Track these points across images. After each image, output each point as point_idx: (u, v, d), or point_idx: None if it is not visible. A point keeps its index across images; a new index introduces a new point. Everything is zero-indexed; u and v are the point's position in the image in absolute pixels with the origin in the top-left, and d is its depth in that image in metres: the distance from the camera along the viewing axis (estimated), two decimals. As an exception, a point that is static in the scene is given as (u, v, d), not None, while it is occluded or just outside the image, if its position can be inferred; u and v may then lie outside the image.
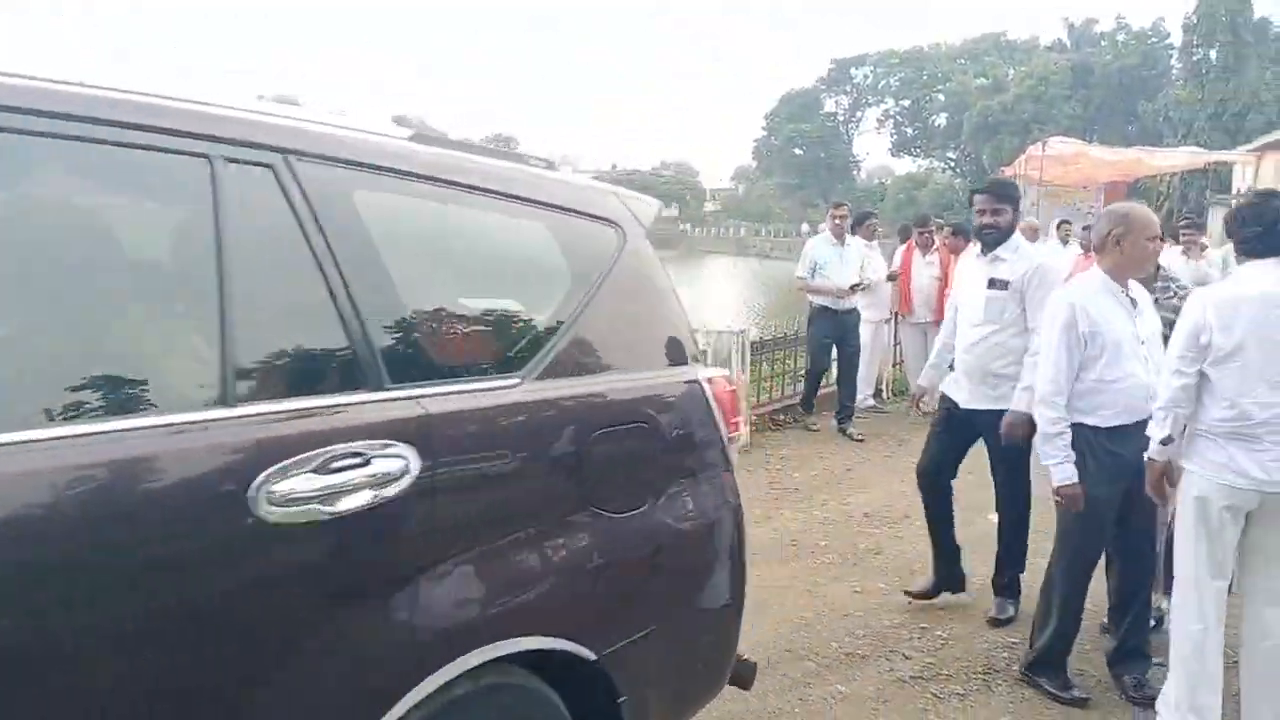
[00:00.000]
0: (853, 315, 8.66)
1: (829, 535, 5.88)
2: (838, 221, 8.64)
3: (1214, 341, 3.19)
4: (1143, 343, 3.69)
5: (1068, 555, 3.81)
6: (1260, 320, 3.15)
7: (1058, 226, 12.06)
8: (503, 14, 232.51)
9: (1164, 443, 3.36)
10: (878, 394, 10.03)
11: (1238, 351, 3.16)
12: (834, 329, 8.58)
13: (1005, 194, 4.53)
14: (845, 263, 8.50)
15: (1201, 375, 3.26)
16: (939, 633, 4.44)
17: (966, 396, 4.50)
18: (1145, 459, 3.45)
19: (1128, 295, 3.71)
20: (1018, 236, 4.53)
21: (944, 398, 4.69)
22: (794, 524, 6.06)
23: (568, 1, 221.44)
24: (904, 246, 9.91)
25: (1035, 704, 3.78)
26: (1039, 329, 4.10)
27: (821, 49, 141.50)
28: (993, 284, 4.39)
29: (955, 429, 4.61)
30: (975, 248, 5.11)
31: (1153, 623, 4.03)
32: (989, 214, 4.43)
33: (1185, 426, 3.36)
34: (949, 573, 4.76)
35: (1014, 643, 4.26)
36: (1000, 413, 4.31)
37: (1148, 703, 3.64)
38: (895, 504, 6.38)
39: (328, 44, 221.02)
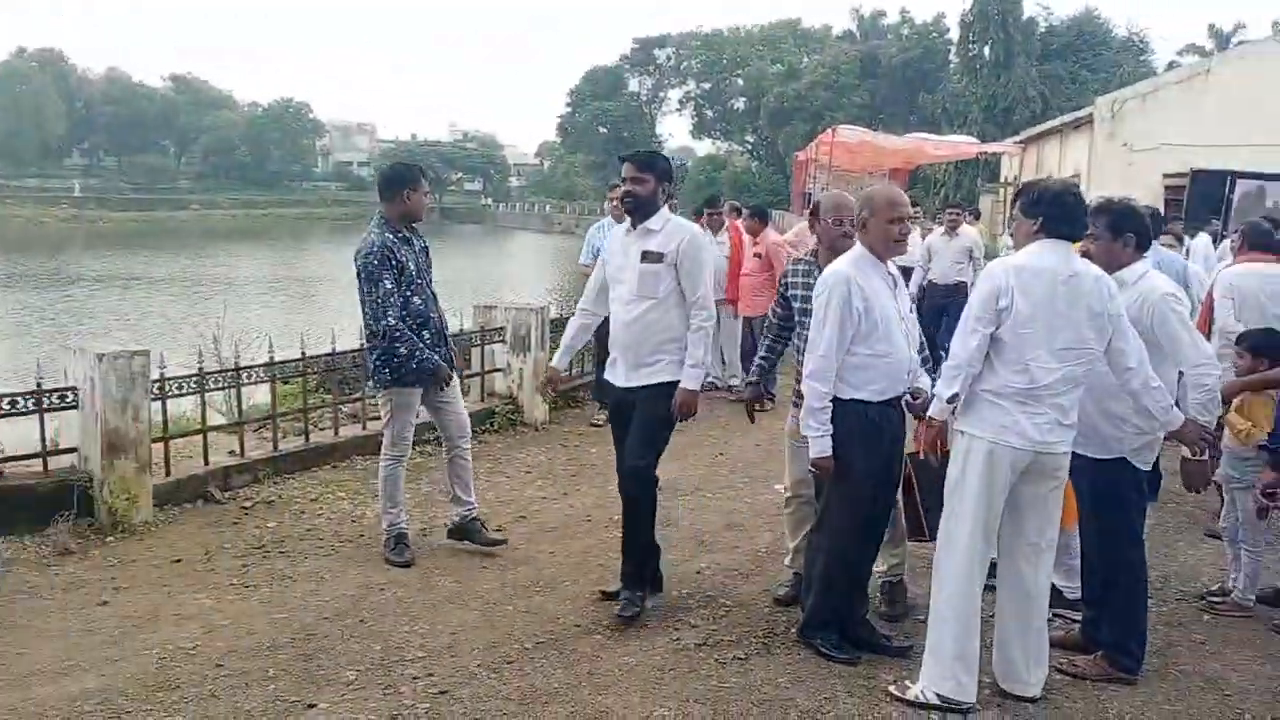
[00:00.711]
0: None
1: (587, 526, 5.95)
2: (615, 203, 7.87)
3: (1015, 305, 3.43)
4: (902, 319, 3.92)
5: (831, 524, 4.01)
6: (1050, 293, 3.45)
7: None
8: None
9: (950, 400, 3.56)
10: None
11: (1032, 318, 3.43)
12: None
13: (649, 164, 4.37)
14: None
15: (993, 339, 3.48)
16: (724, 600, 4.60)
17: (624, 377, 4.38)
18: (925, 419, 3.71)
19: (890, 273, 3.93)
20: (666, 209, 4.42)
21: (604, 387, 4.64)
22: (590, 500, 6.12)
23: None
24: (695, 228, 10.11)
25: (811, 664, 3.98)
26: (701, 302, 4.27)
27: (625, 26, 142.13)
28: (646, 257, 4.27)
29: (629, 417, 4.41)
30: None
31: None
32: (629, 182, 4.33)
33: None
34: (638, 574, 4.44)
35: (795, 607, 4.47)
36: (655, 387, 4.29)
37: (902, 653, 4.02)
38: (689, 476, 6.54)
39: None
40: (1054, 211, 3.57)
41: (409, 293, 4.91)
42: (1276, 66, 17.58)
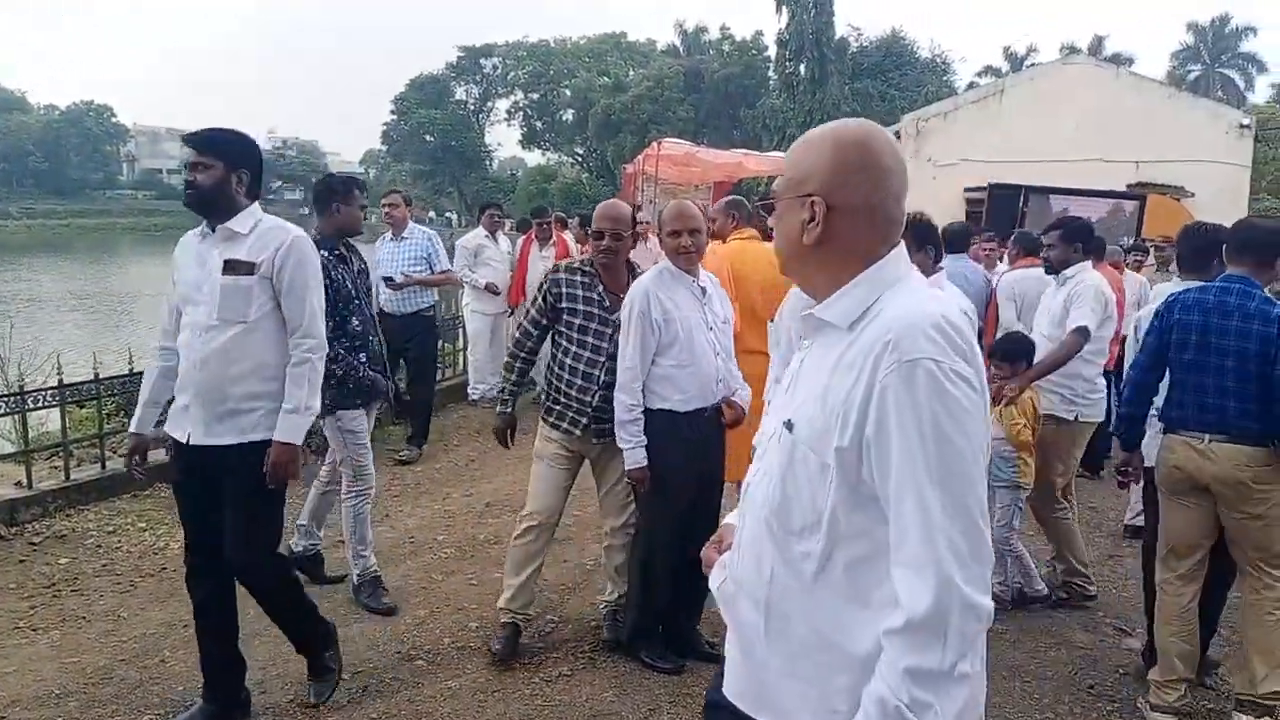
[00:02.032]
0: (419, 319, 7.58)
1: (449, 529, 5.85)
2: (386, 211, 7.71)
3: None
4: (711, 329, 3.96)
5: (649, 533, 4.04)
6: None
7: None
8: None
9: None
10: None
11: None
12: (394, 336, 6.79)
13: (212, 144, 3.34)
14: (398, 258, 7.50)
15: None
16: (550, 616, 4.56)
17: (202, 432, 3.32)
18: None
19: (698, 284, 3.97)
20: (256, 207, 3.43)
21: (170, 444, 3.48)
22: (413, 521, 5.97)
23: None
24: (523, 238, 10.05)
25: (637, 675, 3.99)
26: (307, 328, 3.37)
27: (448, 34, 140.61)
28: (230, 268, 3.28)
29: (211, 487, 3.36)
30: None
31: None
32: (189, 168, 3.34)
33: None
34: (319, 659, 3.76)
35: (621, 620, 4.47)
36: (250, 447, 3.30)
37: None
38: (516, 492, 6.46)
39: None
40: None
41: (346, 313, 4.50)
42: (1063, 86, 18.96)
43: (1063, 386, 4.95)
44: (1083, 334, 4.78)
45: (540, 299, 4.09)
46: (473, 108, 68.48)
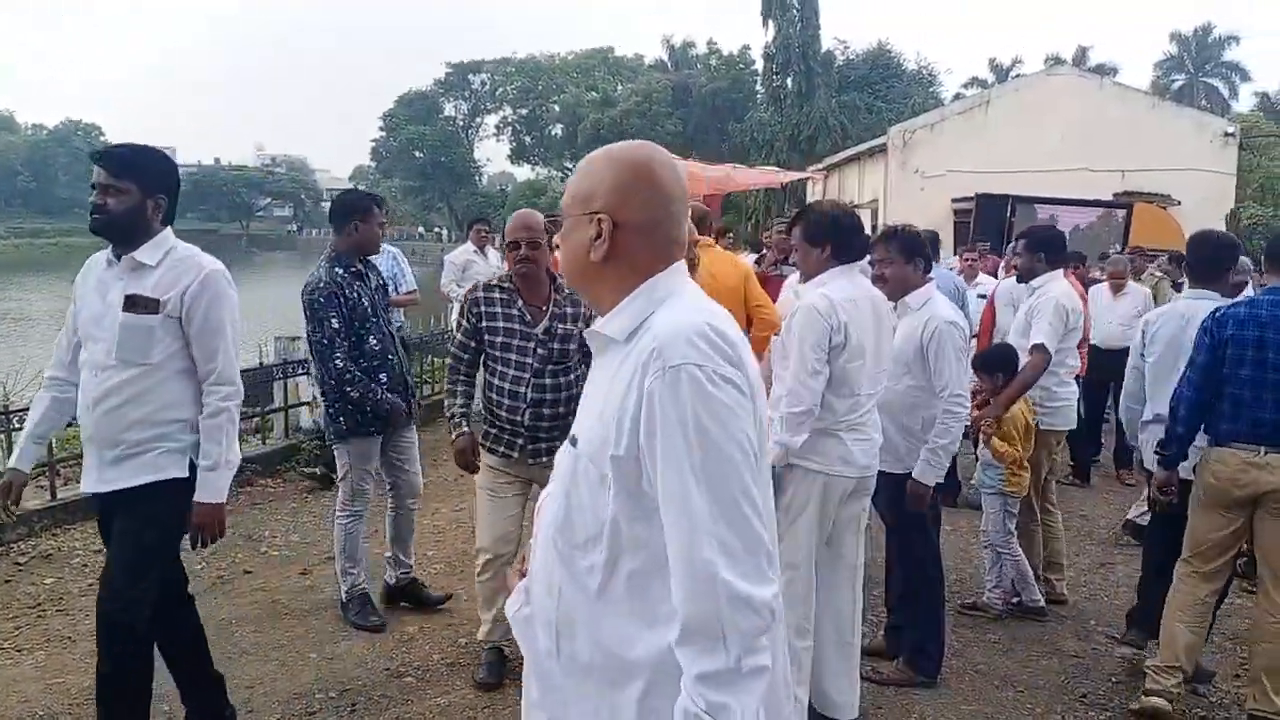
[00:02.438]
0: None
1: (438, 544, 5.84)
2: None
3: (849, 338, 3.39)
4: None
5: None
6: (870, 320, 3.50)
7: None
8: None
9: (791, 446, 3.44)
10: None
11: (861, 348, 3.44)
12: None
13: (127, 165, 3.03)
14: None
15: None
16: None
17: (96, 477, 3.09)
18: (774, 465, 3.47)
19: None
20: (169, 234, 3.11)
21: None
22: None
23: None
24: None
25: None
26: (221, 374, 3.06)
27: (436, 51, 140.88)
28: (133, 304, 2.98)
29: (107, 532, 3.21)
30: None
31: None
32: (98, 191, 3.01)
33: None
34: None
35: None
36: (144, 490, 3.03)
37: None
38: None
39: None
40: (841, 237, 3.57)
41: (363, 332, 4.44)
42: (1048, 97, 19.11)
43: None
44: (1042, 350, 4.79)
45: (464, 321, 4.00)
46: (461, 123, 68.70)
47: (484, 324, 3.90)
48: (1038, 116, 18.54)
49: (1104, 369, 7.28)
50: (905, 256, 4.06)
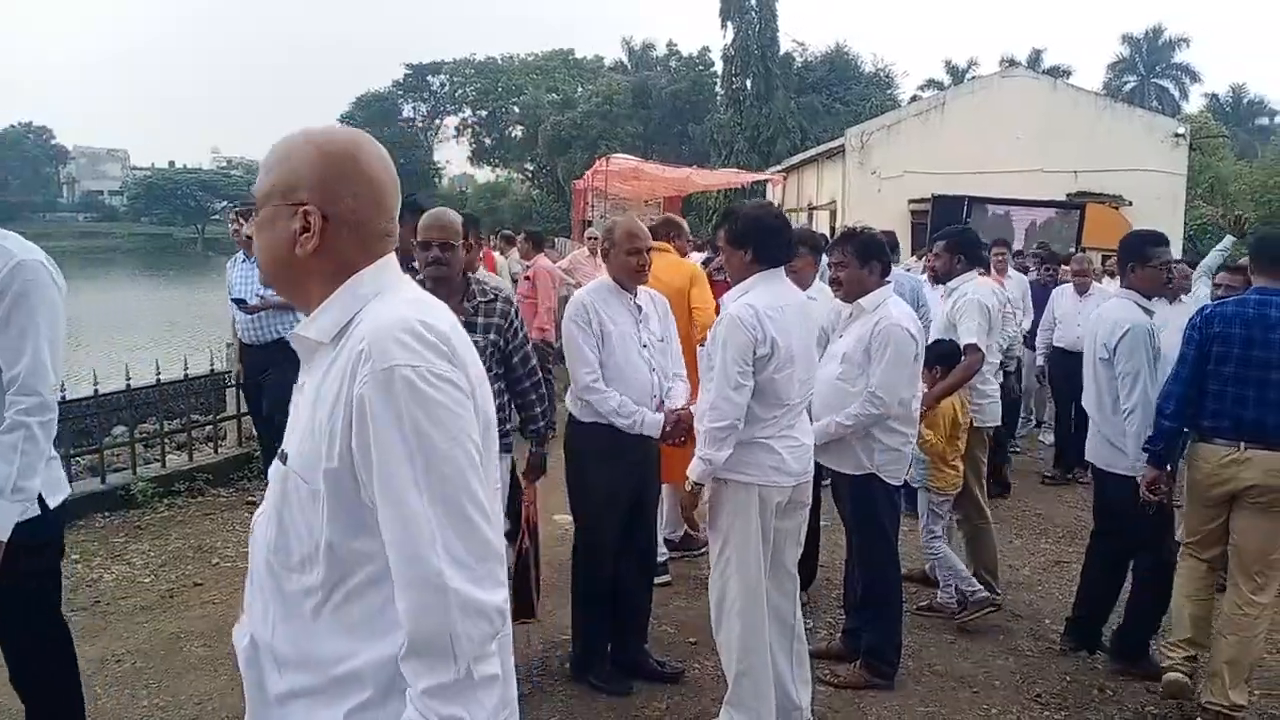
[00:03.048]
0: (280, 346, 6.19)
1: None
2: (236, 230, 6.77)
3: (775, 348, 3.32)
4: (646, 346, 3.93)
5: (585, 556, 4.01)
6: (798, 326, 3.44)
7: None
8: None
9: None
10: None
11: (790, 357, 3.38)
12: (252, 366, 6.52)
13: None
14: (252, 279, 6.32)
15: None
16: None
17: None
18: (699, 482, 3.44)
19: (635, 302, 3.93)
20: None
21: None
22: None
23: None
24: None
25: (585, 699, 3.94)
26: (25, 381, 2.61)
27: (394, 53, 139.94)
28: None
29: None
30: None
31: None
32: None
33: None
34: None
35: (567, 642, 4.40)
36: None
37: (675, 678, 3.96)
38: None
39: None
40: (765, 239, 3.47)
41: None
42: (1002, 99, 19.31)
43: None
44: (975, 350, 4.85)
45: None
46: (421, 125, 68.19)
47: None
48: (992, 118, 18.72)
49: (1075, 374, 7.37)
50: (860, 260, 4.06)
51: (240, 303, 6.39)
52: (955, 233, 5.44)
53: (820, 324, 3.70)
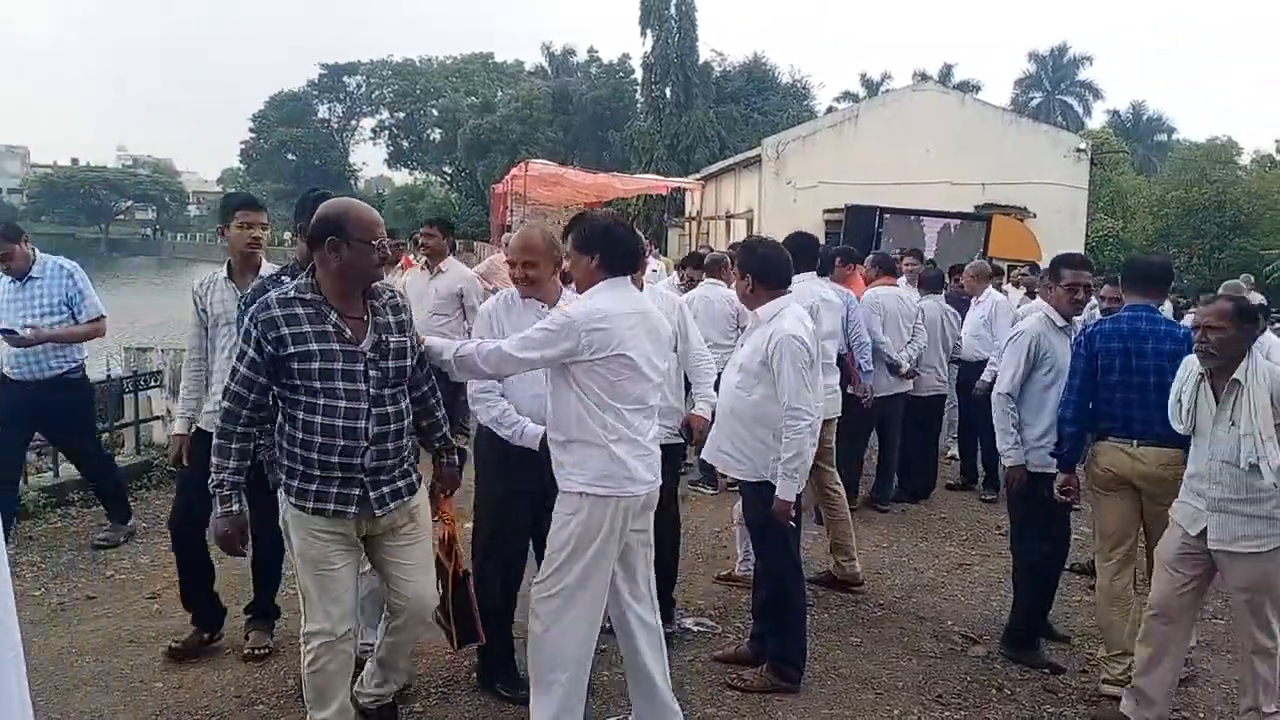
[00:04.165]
0: (61, 385, 5.72)
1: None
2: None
3: (605, 352, 3.26)
4: None
5: (490, 565, 3.94)
6: (645, 332, 3.39)
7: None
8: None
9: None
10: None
11: (636, 364, 3.32)
12: (18, 411, 5.64)
13: None
14: (22, 304, 5.58)
15: (596, 395, 3.30)
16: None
17: None
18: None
19: (547, 309, 3.72)
20: None
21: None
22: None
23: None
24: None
25: (492, 708, 3.89)
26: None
27: (308, 52, 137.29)
28: None
29: None
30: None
31: None
32: None
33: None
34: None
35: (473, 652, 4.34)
36: None
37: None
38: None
39: None
40: (610, 247, 3.43)
41: None
42: (914, 112, 19.78)
43: None
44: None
45: (251, 349, 3.03)
46: (336, 126, 67.07)
47: (289, 349, 3.01)
48: (904, 131, 19.15)
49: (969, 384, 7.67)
50: (740, 272, 4.21)
51: (6, 334, 5.42)
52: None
53: (666, 332, 3.62)
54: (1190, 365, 3.82)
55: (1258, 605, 3.64)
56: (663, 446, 4.25)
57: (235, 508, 3.08)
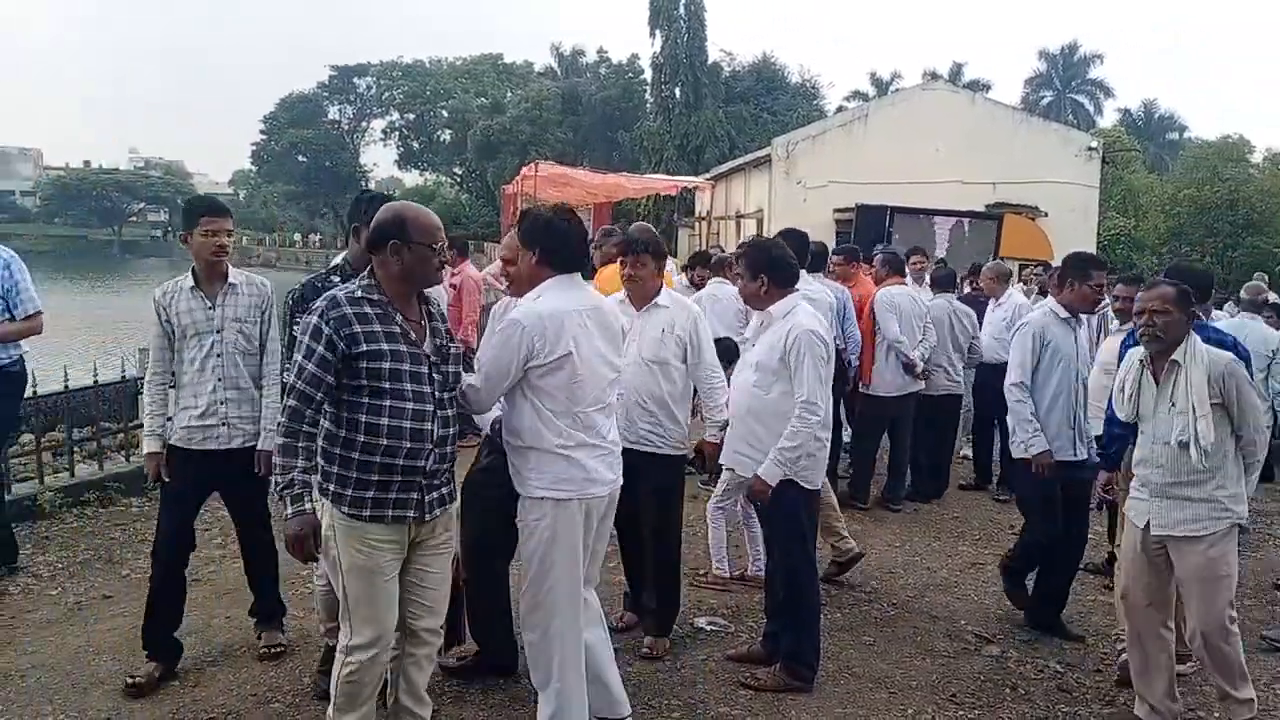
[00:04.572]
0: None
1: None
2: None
3: (554, 354, 3.21)
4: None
5: (479, 571, 3.98)
6: (585, 330, 3.32)
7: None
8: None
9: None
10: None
11: (585, 363, 3.28)
12: None
13: None
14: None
15: (546, 395, 3.26)
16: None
17: None
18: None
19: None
20: None
21: None
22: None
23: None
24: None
25: (504, 709, 3.91)
26: None
27: (319, 54, 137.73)
28: None
29: None
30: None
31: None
32: None
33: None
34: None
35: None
36: None
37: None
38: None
39: None
40: (552, 243, 3.36)
41: None
42: (924, 111, 19.70)
43: None
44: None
45: (317, 345, 2.94)
46: (347, 127, 67.13)
47: (361, 347, 2.96)
48: (914, 130, 19.08)
49: (986, 385, 7.68)
50: (750, 273, 4.18)
51: None
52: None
53: (617, 327, 3.55)
54: (1132, 356, 3.92)
55: (1209, 596, 3.67)
56: (664, 456, 4.32)
57: (308, 506, 2.97)
